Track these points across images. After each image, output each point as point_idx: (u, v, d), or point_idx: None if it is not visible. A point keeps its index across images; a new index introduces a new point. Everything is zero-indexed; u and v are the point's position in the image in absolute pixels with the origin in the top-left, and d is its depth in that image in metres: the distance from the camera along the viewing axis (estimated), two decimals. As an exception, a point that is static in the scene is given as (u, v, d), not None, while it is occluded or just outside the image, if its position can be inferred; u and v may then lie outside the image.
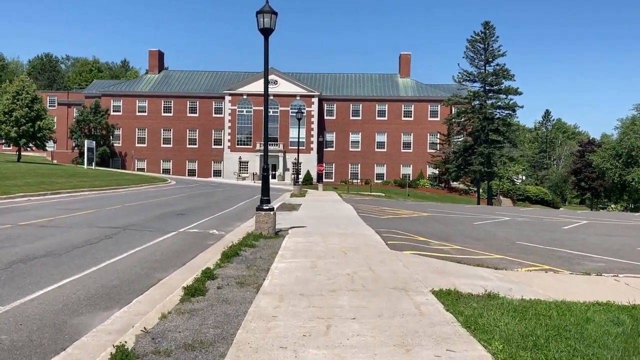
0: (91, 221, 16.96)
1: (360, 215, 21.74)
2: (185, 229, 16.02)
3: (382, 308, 6.60)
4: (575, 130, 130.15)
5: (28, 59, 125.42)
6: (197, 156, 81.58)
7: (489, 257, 12.59)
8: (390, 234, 15.56)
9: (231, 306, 6.75)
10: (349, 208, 26.14)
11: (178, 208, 23.82)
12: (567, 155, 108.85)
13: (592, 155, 72.08)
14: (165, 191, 38.54)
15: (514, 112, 54.93)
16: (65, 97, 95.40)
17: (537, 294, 7.99)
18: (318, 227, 16.53)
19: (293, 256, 10.70)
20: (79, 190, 33.44)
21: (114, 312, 6.81)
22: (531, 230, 20.16)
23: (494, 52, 55.39)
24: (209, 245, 13.08)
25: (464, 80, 56.38)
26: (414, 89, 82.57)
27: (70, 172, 46.12)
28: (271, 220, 14.04)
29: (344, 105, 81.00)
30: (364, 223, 18.47)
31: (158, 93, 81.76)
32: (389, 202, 36.24)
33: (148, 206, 24.21)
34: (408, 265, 9.98)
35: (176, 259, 10.93)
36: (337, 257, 10.70)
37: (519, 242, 15.96)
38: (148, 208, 23.12)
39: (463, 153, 55.79)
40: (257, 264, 9.81)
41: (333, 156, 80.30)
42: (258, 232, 13.98)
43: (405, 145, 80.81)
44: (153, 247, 12.35)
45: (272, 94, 78.06)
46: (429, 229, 18.28)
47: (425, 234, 16.53)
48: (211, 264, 9.69)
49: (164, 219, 18.92)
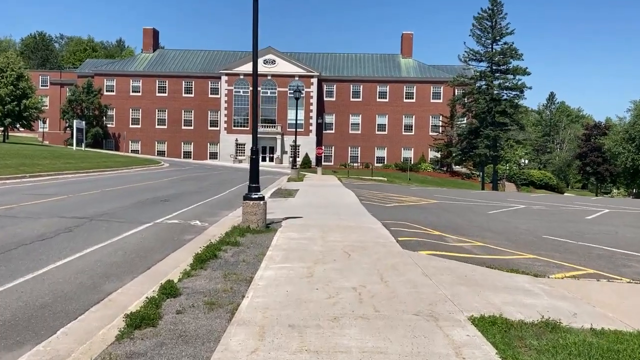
0: (57, 210, 14.88)
1: (363, 203, 19.68)
2: (163, 220, 13.95)
3: (407, 354, 4.53)
4: (579, 114, 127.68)
5: (21, 38, 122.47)
6: (193, 138, 79.28)
7: (519, 257, 10.56)
8: (399, 226, 13.50)
9: (189, 347, 4.70)
10: (350, 194, 24.06)
11: (164, 193, 21.74)
12: (571, 139, 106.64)
13: (604, 139, 69.73)
14: (155, 174, 36.45)
15: (521, 93, 52.60)
16: (58, 77, 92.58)
17: (608, 319, 5.96)
18: (316, 218, 14.46)
19: (284, 259, 8.64)
20: (63, 172, 31.36)
21: (22, 354, 4.75)
22: (553, 221, 18.11)
23: (501, 30, 52.82)
24: (186, 241, 11.02)
25: (470, 60, 53.95)
26: (416, 69, 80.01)
27: (57, 153, 43.94)
28: (261, 211, 11.96)
29: (344, 86, 78.50)
30: (367, 213, 16.40)
31: (152, 73, 79.12)
32: (391, 188, 34.17)
33: (131, 191, 22.12)
34: (429, 272, 7.93)
35: (140, 261, 8.86)
36: (340, 260, 8.64)
37: (546, 237, 13.92)
38: (130, 193, 21.03)
39: (468, 136, 53.52)
40: (237, 271, 7.75)
41: (332, 139, 78.03)
42: (245, 225, 11.91)
43: (406, 127, 78.50)
44: (117, 243, 10.28)
45: (270, 74, 75.66)
46: (441, 219, 16.22)
47: (438, 226, 14.48)
48: (179, 271, 7.63)
49: (144, 206, 16.84)
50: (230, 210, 16.81)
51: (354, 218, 14.79)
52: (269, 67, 75.91)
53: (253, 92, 12.21)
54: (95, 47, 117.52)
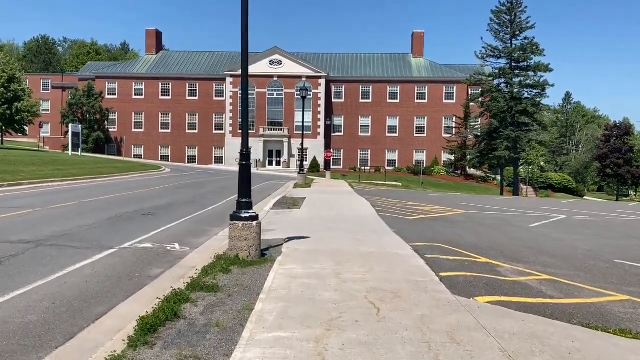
0: (7, 229, 12.03)
1: (380, 215, 16.69)
2: (134, 242, 11.07)
3: None
4: (595, 114, 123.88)
5: (24, 42, 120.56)
6: (197, 142, 76.57)
7: (609, 300, 7.59)
8: (434, 251, 10.51)
9: None
10: (364, 203, 21.07)
11: (151, 204, 18.88)
12: (588, 140, 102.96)
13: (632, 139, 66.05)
14: (152, 181, 33.64)
15: (543, 91, 49.31)
16: (59, 80, 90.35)
17: None
18: (326, 239, 11.51)
19: (280, 319, 5.69)
20: (48, 180, 28.62)
21: None
22: (612, 237, 15.05)
23: (521, 25, 49.51)
24: (150, 278, 8.10)
25: (488, 56, 50.76)
26: (428, 69, 76.95)
27: (48, 159, 41.28)
28: (253, 235, 9.02)
29: (353, 87, 75.51)
30: (389, 230, 13.43)
31: (155, 75, 76.56)
32: (408, 195, 31.13)
33: (114, 202, 19.28)
34: (509, 348, 4.95)
35: (63, 323, 5.93)
36: (365, 320, 5.69)
37: (619, 261, 10.91)
38: (112, 205, 18.18)
39: (486, 137, 50.24)
40: (203, 351, 4.81)
41: (341, 142, 75.03)
42: (233, 253, 8.98)
43: (418, 129, 75.38)
44: (50, 286, 7.37)
45: (277, 75, 72.93)
46: (481, 239, 13.20)
47: (481, 248, 11.47)
48: (105, 356, 4.69)
49: (119, 223, 13.97)
50: (222, 226, 13.88)
51: (374, 238, 11.81)
52: (275, 68, 73.17)
53: (242, 83, 9.23)
54: (99, 50, 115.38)
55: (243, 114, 9.34)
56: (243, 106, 9.27)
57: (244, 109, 9.28)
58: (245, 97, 9.50)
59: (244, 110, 9.25)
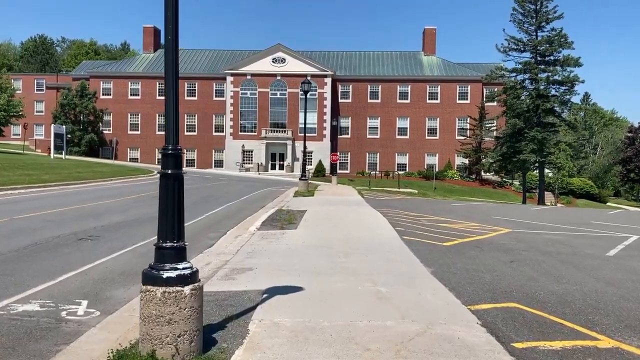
0: None
1: (405, 241, 12.28)
2: (19, 299, 6.83)
3: None
4: (613, 116, 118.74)
5: (21, 41, 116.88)
6: (196, 145, 72.24)
7: None
8: (516, 324, 6.10)
9: None
10: (380, 220, 16.66)
11: (103, 222, 14.58)
12: (608, 142, 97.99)
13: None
14: (132, 188, 29.36)
15: (572, 87, 44.66)
16: (54, 81, 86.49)
17: None
18: (330, 294, 7.14)
19: None
20: (7, 188, 24.51)
21: None
22: None
23: (547, 14, 44.89)
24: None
25: (511, 50, 46.09)
26: (441, 67, 72.47)
27: (22, 163, 37.11)
28: (186, 315, 4.64)
29: (360, 87, 71.08)
30: (425, 270, 9.03)
31: (152, 74, 72.27)
32: (429, 205, 26.64)
33: (57, 219, 14.98)
34: None
35: None
36: None
37: None
38: (48, 224, 13.89)
39: (509, 139, 45.58)
40: None
41: (348, 144, 70.61)
42: (147, 347, 4.61)
43: (430, 131, 70.85)
44: None
45: (280, 74, 68.71)
46: (563, 284, 8.73)
47: (577, 307, 7.05)
48: None
49: (32, 255, 9.71)
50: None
51: (406, 293, 7.39)
52: (279, 66, 68.96)
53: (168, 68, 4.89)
54: (98, 50, 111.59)
55: (166, 84, 4.97)
56: (171, 90, 4.94)
57: (172, 94, 4.95)
58: (171, 57, 5.13)
59: (169, 81, 4.92)
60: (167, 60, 4.99)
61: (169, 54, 4.97)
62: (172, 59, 4.96)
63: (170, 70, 4.95)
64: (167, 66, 4.98)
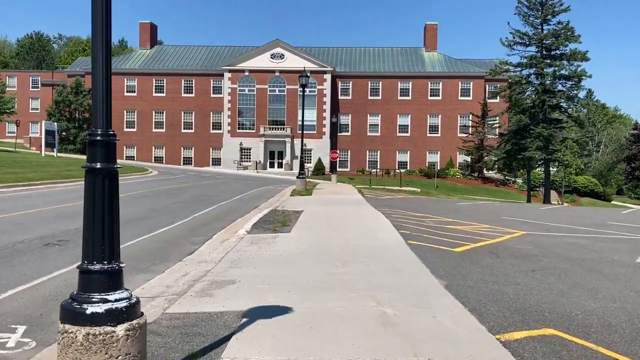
0: None
1: (411, 246, 10.98)
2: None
3: None
4: (616, 114, 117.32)
5: (17, 38, 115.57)
6: (194, 142, 71.00)
7: None
8: (555, 358, 4.79)
9: None
10: (382, 221, 15.35)
11: (77, 225, 13.26)
12: (611, 140, 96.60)
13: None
14: (122, 186, 27.95)
15: (579, 82, 43.30)
16: (50, 78, 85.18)
17: None
18: (324, 318, 5.84)
19: None
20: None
21: None
22: None
23: (554, 7, 43.45)
24: None
25: (515, 44, 44.72)
26: (442, 63, 71.14)
27: (10, 160, 35.79)
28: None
29: (361, 83, 69.73)
30: (437, 283, 7.73)
31: (149, 70, 71.05)
32: (433, 205, 25.32)
33: (30, 220, 13.72)
34: None
35: None
36: None
37: None
38: (18, 226, 12.63)
39: (513, 136, 44.20)
40: None
41: (348, 142, 69.28)
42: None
43: (432, 128, 69.53)
44: None
45: (278, 70, 67.38)
46: (600, 299, 7.44)
47: (628, 334, 5.75)
48: None
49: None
50: (154, 271, 8.33)
51: (418, 315, 6.09)
52: (277, 62, 67.64)
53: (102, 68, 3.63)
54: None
55: (94, 38, 3.67)
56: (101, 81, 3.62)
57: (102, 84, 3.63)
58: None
59: (98, 33, 3.61)
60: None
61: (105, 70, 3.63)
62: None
63: (98, 15, 3.60)
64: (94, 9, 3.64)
